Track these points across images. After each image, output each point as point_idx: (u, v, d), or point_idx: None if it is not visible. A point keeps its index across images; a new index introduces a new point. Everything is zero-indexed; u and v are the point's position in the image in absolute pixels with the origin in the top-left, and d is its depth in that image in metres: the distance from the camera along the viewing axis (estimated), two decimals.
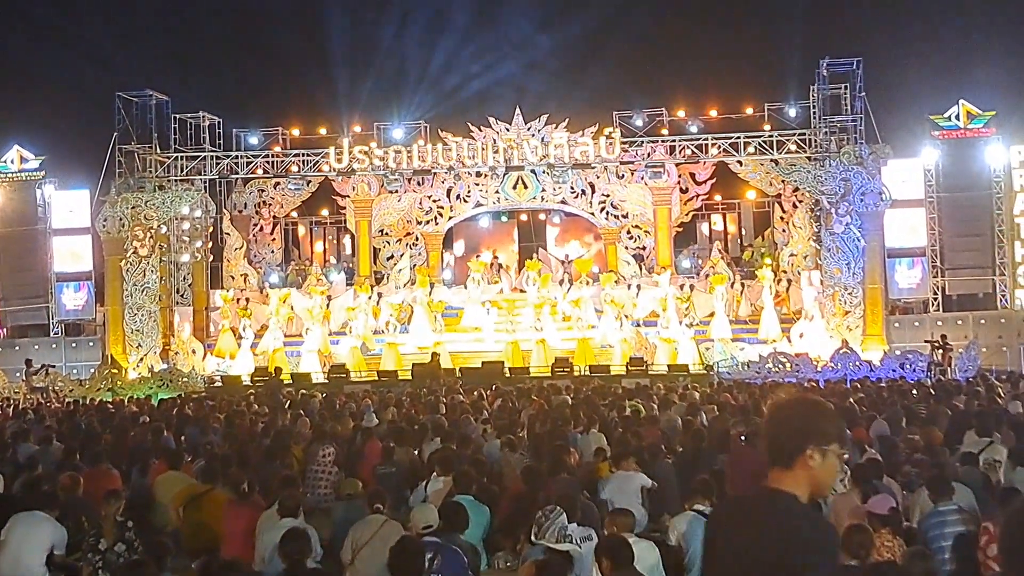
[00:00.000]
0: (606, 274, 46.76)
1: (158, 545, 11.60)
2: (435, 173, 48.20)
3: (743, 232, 54.28)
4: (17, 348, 48.07)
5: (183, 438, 21.36)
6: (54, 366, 43.40)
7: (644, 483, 14.02)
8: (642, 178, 47.76)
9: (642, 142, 46.75)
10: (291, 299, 46.25)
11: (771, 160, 46.48)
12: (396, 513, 12.96)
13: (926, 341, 40.54)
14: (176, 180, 47.90)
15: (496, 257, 51.98)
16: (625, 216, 49.94)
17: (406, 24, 60.90)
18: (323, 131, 50.40)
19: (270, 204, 52.12)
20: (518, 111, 47.88)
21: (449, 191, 50.48)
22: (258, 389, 36.30)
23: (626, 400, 25.61)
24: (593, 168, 47.39)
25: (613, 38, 59.09)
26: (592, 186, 49.60)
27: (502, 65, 54.81)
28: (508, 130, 47.47)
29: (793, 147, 45.60)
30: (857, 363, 39.02)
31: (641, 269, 47.88)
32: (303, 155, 48.75)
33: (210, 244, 49.99)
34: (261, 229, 52.52)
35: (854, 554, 9.68)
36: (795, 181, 46.09)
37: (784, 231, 48.43)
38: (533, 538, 9.65)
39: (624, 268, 48.26)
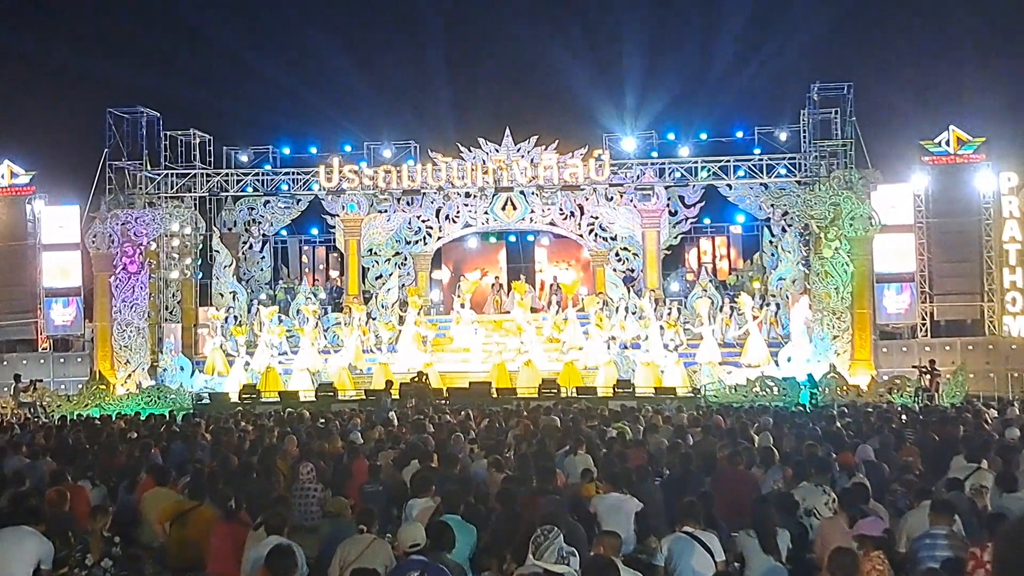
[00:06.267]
0: (590, 296, 46.80)
1: (133, 558, 11.61)
2: (424, 193, 48.30)
3: (732, 256, 54.27)
4: (5, 363, 48.03)
5: (170, 454, 21.34)
6: (42, 381, 43.30)
7: (636, 508, 14.01)
8: (631, 200, 47.84)
9: (632, 164, 46.83)
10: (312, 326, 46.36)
11: (761, 184, 46.59)
12: (382, 532, 12.94)
13: (914, 366, 40.57)
14: (166, 197, 47.98)
15: (497, 278, 52.06)
16: (614, 238, 49.85)
17: (396, 44, 61.08)
18: (313, 150, 50.41)
19: (260, 222, 52.00)
20: (508, 132, 47.95)
21: (438, 211, 50.47)
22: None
23: (612, 422, 25.54)
24: (582, 190, 47.39)
25: (603, 60, 59.17)
26: (581, 208, 49.51)
27: (492, 85, 54.94)
28: (498, 151, 47.57)
29: (783, 171, 45.76)
30: (844, 388, 39.03)
31: (629, 292, 47.69)
32: (293, 173, 48.90)
33: (199, 261, 49.91)
34: (250, 247, 52.43)
35: None
36: (785, 205, 46.26)
37: (773, 255, 48.40)
38: (532, 557, 9.60)
39: (612, 290, 48.16)
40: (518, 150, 47.66)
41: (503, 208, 49.86)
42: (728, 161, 46.28)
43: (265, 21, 65.77)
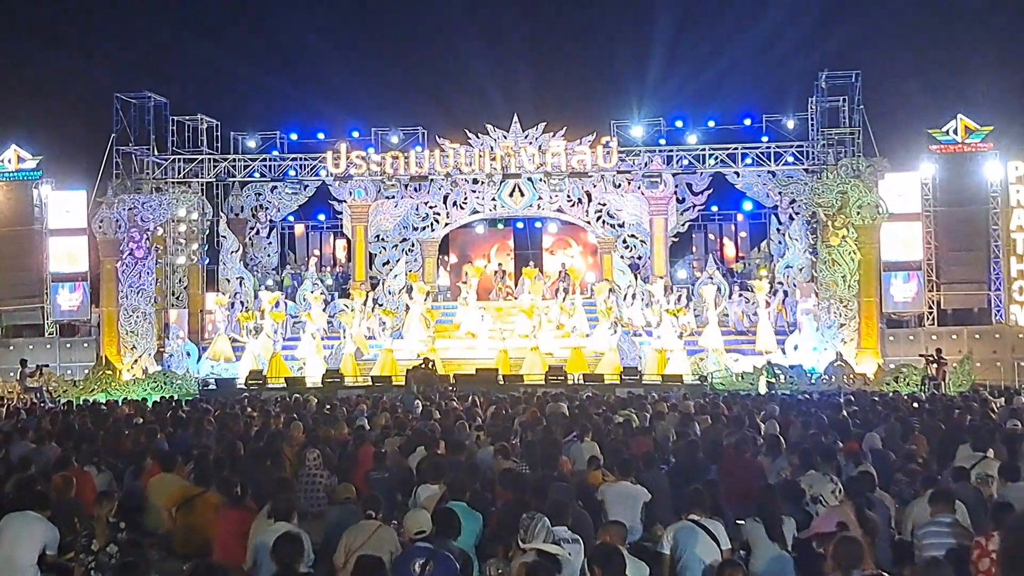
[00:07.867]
0: (601, 283, 46.74)
1: (139, 543, 11.62)
2: (432, 180, 48.23)
3: (739, 243, 54.23)
4: (12, 348, 48.05)
5: (176, 440, 21.32)
6: (48, 366, 43.30)
7: (645, 498, 14.04)
8: (639, 188, 47.82)
9: (639, 151, 46.76)
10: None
11: (768, 171, 46.58)
12: (388, 518, 12.94)
13: (920, 355, 40.54)
14: (173, 182, 47.99)
15: (500, 264, 52.07)
16: (621, 225, 49.84)
17: (404, 30, 60.99)
18: (321, 135, 50.34)
19: (267, 208, 52.09)
20: (516, 119, 47.90)
21: (446, 198, 50.45)
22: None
23: (619, 410, 25.48)
24: (590, 177, 47.32)
25: (612, 48, 59.11)
26: (588, 195, 49.49)
27: (500, 72, 54.84)
28: (505, 137, 47.53)
29: (791, 159, 45.70)
30: (851, 376, 39.02)
31: (636, 279, 47.65)
32: (300, 159, 48.86)
33: (206, 247, 49.96)
34: (257, 233, 52.46)
35: (844, 566, 9.64)
36: (792, 193, 46.30)
37: (780, 243, 48.40)
38: (520, 543, 9.63)
39: (619, 277, 48.09)
40: (526, 137, 47.61)
41: (511, 195, 49.81)
42: (736, 149, 46.16)
43: (273, 7, 65.68)
